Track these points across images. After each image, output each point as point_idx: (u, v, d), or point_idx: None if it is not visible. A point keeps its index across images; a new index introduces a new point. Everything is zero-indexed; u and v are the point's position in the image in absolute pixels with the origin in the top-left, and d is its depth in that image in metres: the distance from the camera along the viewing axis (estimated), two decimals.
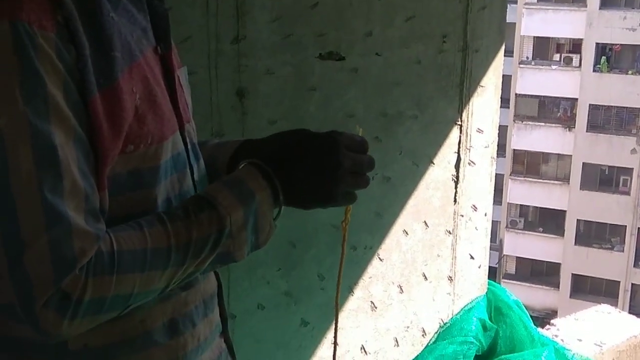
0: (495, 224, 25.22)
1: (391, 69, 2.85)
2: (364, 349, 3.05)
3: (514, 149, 27.57)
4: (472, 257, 3.32)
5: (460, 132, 3.12)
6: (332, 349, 2.93)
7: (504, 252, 27.72)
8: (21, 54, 0.94)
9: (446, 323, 3.24)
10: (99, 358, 1.14)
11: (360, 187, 1.30)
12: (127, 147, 1.08)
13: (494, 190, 3.33)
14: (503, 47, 3.17)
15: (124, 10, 1.15)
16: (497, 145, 3.32)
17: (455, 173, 3.15)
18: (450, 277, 3.26)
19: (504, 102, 24.81)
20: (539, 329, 3.94)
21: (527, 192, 27.40)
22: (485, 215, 3.33)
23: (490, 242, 3.45)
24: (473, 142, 3.17)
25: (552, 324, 4.15)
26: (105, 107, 1.03)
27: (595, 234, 26.94)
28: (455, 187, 3.17)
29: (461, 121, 3.10)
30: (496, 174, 3.34)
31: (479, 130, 3.18)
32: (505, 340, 3.21)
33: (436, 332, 3.22)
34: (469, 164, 3.18)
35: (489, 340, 3.23)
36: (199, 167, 1.33)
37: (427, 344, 3.20)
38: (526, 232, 27.59)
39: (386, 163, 2.92)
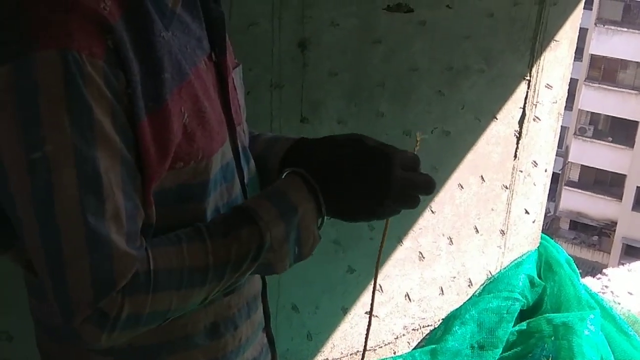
0: (563, 130, 24.66)
1: (461, 22, 2.74)
2: (408, 296, 3.09)
3: (592, 54, 26.52)
4: (527, 212, 3.28)
5: (528, 88, 3.01)
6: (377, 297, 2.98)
7: (569, 159, 27.21)
8: (69, 83, 0.94)
9: (494, 276, 3.25)
10: (140, 356, 1.18)
11: (408, 207, 1.25)
12: (176, 163, 1.08)
13: (567, 96, 3.20)
14: (583, 1, 3.00)
15: (178, 22, 1.11)
16: (576, 49, 3.18)
17: (518, 129, 3.07)
18: (503, 230, 3.24)
19: (587, 3, 23.67)
20: (589, 280, 3.93)
21: (601, 100, 26.48)
22: (546, 171, 3.26)
23: (557, 148, 3.33)
24: (540, 97, 3.06)
25: (604, 274, 4.12)
26: (153, 131, 1.03)
27: None
28: (517, 143, 3.10)
29: (530, 76, 2.99)
30: (571, 78, 3.20)
31: (548, 86, 3.06)
32: (552, 298, 3.20)
33: (482, 284, 3.23)
34: (534, 119, 3.09)
35: (535, 296, 3.22)
36: (249, 170, 1.32)
37: (472, 295, 3.22)
38: (595, 140, 26.85)
39: (447, 117, 2.86)
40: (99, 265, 0.96)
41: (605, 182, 27.30)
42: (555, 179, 26.17)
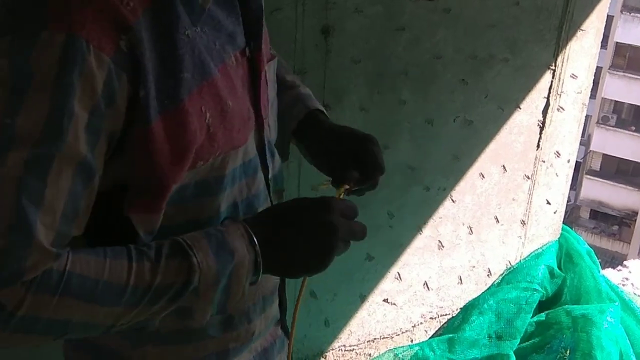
0: (586, 118, 24.36)
1: (487, 11, 2.71)
2: (426, 284, 3.08)
3: (617, 42, 26.19)
4: (548, 203, 3.26)
5: (553, 77, 2.98)
6: (394, 284, 2.98)
7: (591, 148, 26.97)
8: (64, 66, 0.91)
9: (513, 266, 3.23)
10: (158, 343, 1.19)
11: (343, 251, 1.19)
12: (197, 163, 1.07)
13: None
14: None
15: (209, 17, 1.09)
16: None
17: (541, 118, 3.04)
18: (523, 221, 3.22)
19: None
20: (610, 272, 3.90)
21: (625, 88, 26.18)
22: (569, 162, 3.24)
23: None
24: (565, 87, 3.03)
25: (625, 266, 4.09)
26: (168, 131, 1.01)
27: None
28: (540, 133, 3.07)
29: (555, 66, 2.96)
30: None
31: (573, 76, 3.03)
32: (571, 290, 3.18)
33: (502, 274, 3.22)
34: (558, 109, 3.06)
35: (555, 287, 3.21)
36: (273, 166, 1.31)
37: (491, 285, 3.21)
38: (617, 129, 26.58)
39: (470, 106, 2.84)
40: (13, 249, 0.90)
41: (627, 172, 27.03)
42: (577, 167, 25.84)
